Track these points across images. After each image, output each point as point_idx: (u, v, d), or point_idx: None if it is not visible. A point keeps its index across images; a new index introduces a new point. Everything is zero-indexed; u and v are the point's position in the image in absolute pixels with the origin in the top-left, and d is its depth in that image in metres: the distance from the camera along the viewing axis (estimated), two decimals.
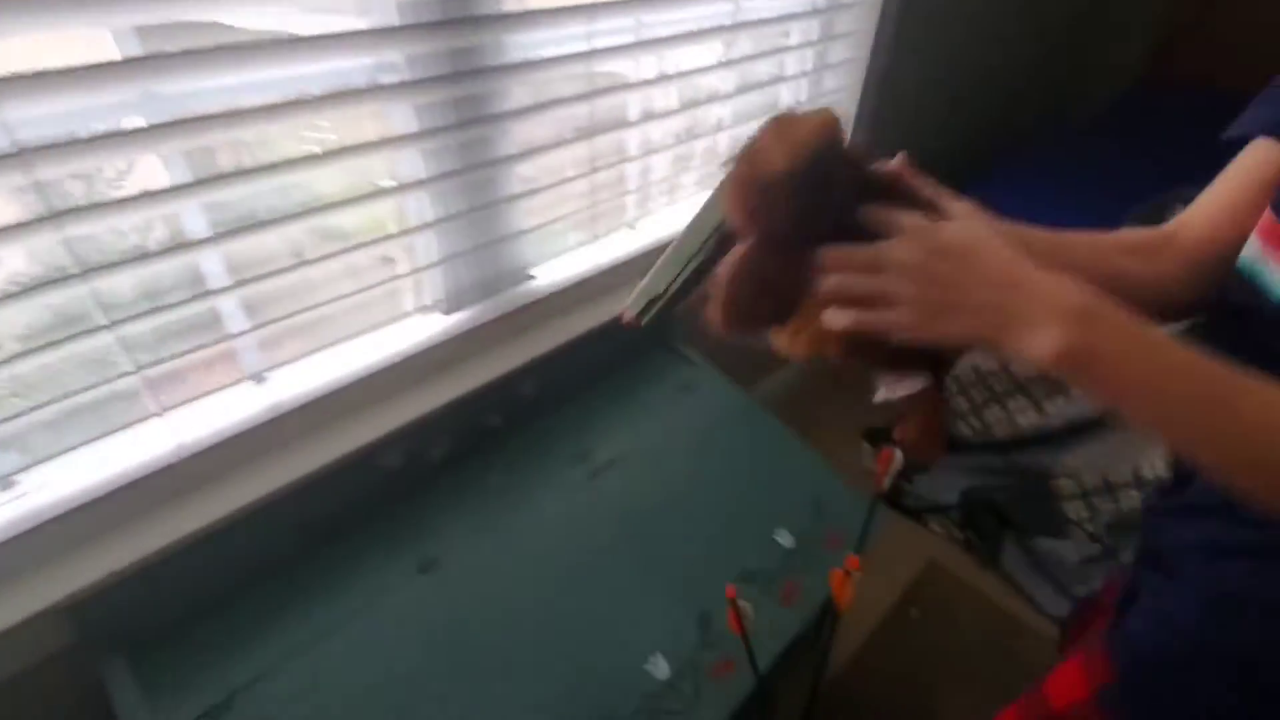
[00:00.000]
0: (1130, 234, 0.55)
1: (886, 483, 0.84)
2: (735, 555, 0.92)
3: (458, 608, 0.79)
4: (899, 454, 0.83)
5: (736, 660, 0.79)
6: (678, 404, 1.08)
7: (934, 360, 0.48)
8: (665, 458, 1.01)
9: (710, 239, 0.48)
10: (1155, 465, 1.23)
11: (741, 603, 0.68)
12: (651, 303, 0.52)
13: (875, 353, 0.45)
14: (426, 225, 0.84)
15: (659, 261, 0.52)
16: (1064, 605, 1.34)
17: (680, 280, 0.50)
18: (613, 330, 1.05)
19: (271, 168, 0.67)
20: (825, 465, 1.07)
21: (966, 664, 1.28)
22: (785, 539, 0.95)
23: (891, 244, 0.40)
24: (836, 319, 0.42)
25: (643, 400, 1.08)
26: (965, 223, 0.42)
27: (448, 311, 0.93)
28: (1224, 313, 0.49)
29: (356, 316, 0.86)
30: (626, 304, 0.53)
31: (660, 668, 0.79)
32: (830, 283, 0.42)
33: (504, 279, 0.98)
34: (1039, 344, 0.37)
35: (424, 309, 0.91)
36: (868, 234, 0.42)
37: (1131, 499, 1.27)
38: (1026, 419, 1.42)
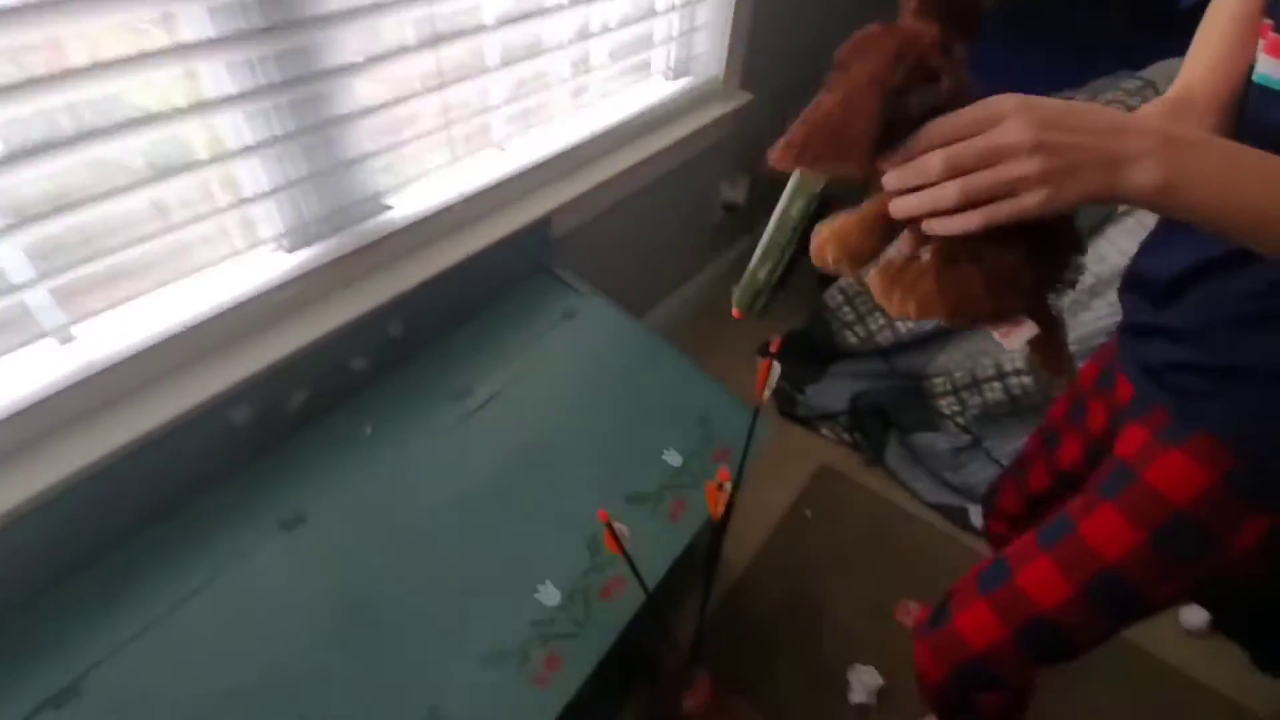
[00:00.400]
0: (1158, 105, 0.60)
1: (766, 394, 0.85)
2: (623, 478, 0.92)
3: (329, 561, 0.76)
4: (776, 365, 0.85)
5: (627, 579, 0.80)
6: (560, 332, 1.05)
7: (1038, 304, 0.48)
8: (549, 388, 0.99)
9: (798, 227, 0.49)
10: (1015, 360, 1.33)
11: (618, 524, 0.69)
12: (757, 295, 0.57)
13: (980, 310, 0.45)
14: (247, 150, 0.74)
15: (757, 252, 0.55)
16: (941, 493, 1.46)
17: (779, 270, 0.55)
18: (485, 259, 1.00)
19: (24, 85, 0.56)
20: (714, 382, 1.07)
21: (856, 554, 1.38)
22: (673, 458, 0.96)
23: (1000, 131, 0.39)
24: (969, 221, 0.40)
25: (523, 331, 1.04)
26: (1031, 98, 0.41)
27: (291, 248, 0.84)
28: (1256, 133, 0.53)
29: (179, 259, 0.76)
30: (733, 302, 0.58)
31: (550, 594, 0.80)
32: (952, 190, 0.40)
33: (355, 210, 0.89)
34: (1141, 179, 0.39)
35: (260, 245, 0.82)
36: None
37: (995, 391, 1.37)
38: (905, 324, 1.49)
